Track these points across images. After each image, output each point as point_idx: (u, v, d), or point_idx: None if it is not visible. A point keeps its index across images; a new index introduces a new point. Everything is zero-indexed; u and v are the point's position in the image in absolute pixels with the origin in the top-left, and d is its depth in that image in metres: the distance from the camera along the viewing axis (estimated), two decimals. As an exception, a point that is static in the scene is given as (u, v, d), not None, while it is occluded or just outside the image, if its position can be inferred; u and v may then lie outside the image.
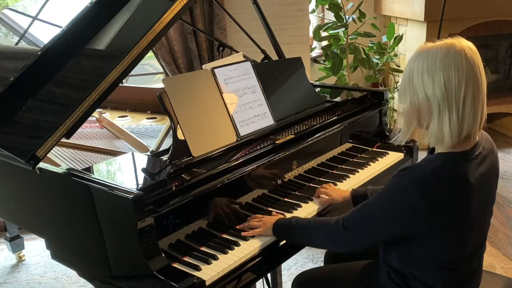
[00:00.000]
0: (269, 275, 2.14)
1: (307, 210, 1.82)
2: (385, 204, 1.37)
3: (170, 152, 1.71)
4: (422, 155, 1.48)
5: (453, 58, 1.29)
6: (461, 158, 1.33)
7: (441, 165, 1.32)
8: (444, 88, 1.29)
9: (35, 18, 2.65)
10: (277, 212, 1.78)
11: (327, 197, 1.84)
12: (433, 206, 1.29)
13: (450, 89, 1.29)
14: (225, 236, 1.66)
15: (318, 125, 2.08)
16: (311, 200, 1.88)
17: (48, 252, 1.87)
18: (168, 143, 1.94)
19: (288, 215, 1.75)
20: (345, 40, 4.18)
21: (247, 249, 1.58)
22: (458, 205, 1.32)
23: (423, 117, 1.36)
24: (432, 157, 1.37)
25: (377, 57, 4.41)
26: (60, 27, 2.07)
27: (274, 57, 2.56)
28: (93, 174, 1.64)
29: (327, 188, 1.88)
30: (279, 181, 1.88)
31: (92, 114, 1.88)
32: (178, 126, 1.71)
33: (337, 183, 2.00)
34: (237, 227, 1.70)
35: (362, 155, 2.27)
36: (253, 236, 1.63)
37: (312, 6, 4.21)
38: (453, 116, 1.30)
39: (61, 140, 1.67)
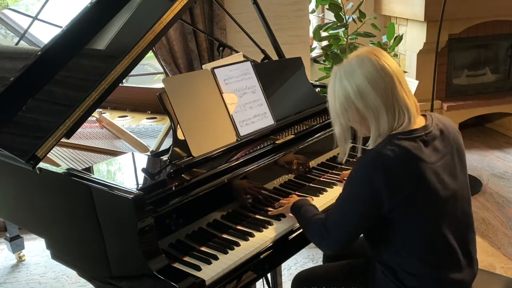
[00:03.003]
0: (269, 275, 2.14)
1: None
2: (349, 193, 1.46)
3: (170, 152, 1.71)
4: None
5: (374, 70, 1.41)
6: (404, 136, 1.41)
7: (384, 143, 1.41)
8: (377, 96, 1.40)
9: (35, 18, 2.65)
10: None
11: None
12: (388, 180, 1.36)
13: (382, 94, 1.40)
14: (225, 236, 1.66)
15: (318, 125, 2.08)
16: (311, 200, 1.87)
17: (48, 252, 1.87)
18: (168, 143, 1.94)
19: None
20: (345, 40, 4.18)
21: (247, 249, 1.58)
22: (411, 177, 1.39)
23: (359, 129, 1.50)
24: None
25: (377, 57, 4.40)
26: (60, 27, 2.07)
27: (274, 57, 2.56)
28: (93, 174, 1.64)
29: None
30: (279, 181, 1.88)
31: (92, 114, 1.88)
32: (178, 126, 1.71)
33: (337, 183, 2.00)
34: (238, 227, 1.70)
35: (362, 155, 2.27)
36: (253, 236, 1.64)
37: (312, 6, 4.22)
38: (390, 114, 1.42)
39: (61, 140, 1.67)
